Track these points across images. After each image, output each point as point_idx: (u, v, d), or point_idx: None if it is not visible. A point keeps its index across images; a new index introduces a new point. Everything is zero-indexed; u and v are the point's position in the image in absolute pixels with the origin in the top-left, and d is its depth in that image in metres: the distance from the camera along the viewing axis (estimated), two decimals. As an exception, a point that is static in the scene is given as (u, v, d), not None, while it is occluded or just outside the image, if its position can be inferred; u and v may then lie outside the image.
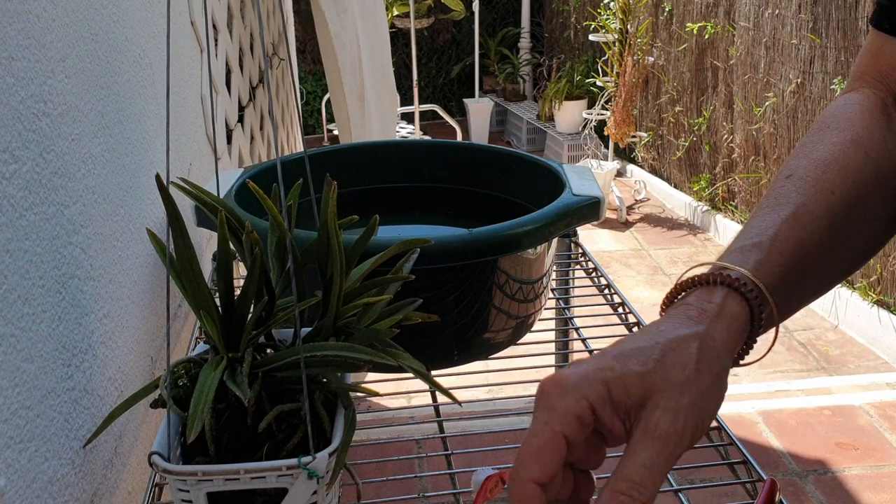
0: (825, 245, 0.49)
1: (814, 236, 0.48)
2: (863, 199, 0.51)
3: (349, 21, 1.99)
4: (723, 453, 0.67)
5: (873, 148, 0.53)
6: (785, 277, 0.46)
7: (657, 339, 0.41)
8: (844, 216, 0.50)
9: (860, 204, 0.51)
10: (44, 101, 0.57)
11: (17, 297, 0.50)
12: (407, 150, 1.02)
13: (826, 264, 0.50)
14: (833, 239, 0.50)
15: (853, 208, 0.50)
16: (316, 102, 4.96)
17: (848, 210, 0.50)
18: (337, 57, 1.94)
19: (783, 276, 0.46)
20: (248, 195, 0.64)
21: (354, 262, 0.60)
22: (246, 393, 0.50)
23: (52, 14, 0.60)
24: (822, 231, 0.49)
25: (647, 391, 0.39)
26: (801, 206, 0.49)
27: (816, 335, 2.59)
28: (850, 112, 0.55)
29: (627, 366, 0.40)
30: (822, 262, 0.49)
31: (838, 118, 0.55)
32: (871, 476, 1.81)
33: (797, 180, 0.50)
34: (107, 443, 0.66)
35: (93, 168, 0.67)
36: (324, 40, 1.97)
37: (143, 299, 0.80)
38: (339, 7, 1.95)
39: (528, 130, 4.96)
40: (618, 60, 3.76)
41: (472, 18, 4.79)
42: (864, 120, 0.54)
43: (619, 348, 0.41)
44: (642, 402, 0.39)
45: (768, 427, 2.00)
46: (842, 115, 0.55)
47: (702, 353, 0.41)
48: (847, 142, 0.52)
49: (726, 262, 0.46)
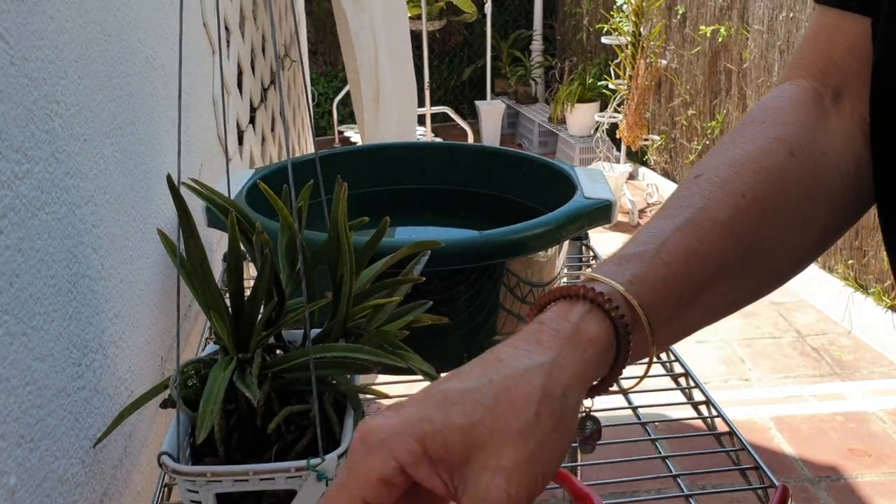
0: (729, 256, 0.42)
1: (713, 246, 0.41)
2: (783, 205, 0.44)
3: (367, 20, 1.99)
4: (734, 459, 0.67)
5: (801, 148, 0.46)
6: (669, 294, 0.40)
7: (491, 377, 0.34)
8: (756, 223, 0.43)
9: (780, 210, 0.44)
10: (56, 101, 0.57)
11: (28, 296, 0.50)
12: (418, 152, 1.02)
13: (731, 279, 0.43)
14: (740, 250, 0.43)
15: (769, 214, 0.44)
16: (327, 104, 4.97)
17: (761, 216, 0.43)
18: (356, 56, 1.95)
19: (667, 291, 0.40)
20: (259, 196, 0.64)
21: (365, 264, 0.60)
22: (255, 394, 0.50)
23: (65, 15, 0.60)
24: (724, 240, 0.42)
25: (473, 447, 0.32)
26: (702, 210, 0.42)
27: (829, 340, 2.57)
28: (780, 106, 0.48)
29: (450, 417, 0.33)
30: (724, 276, 0.42)
31: (766, 112, 0.48)
32: (884, 483, 1.79)
33: (704, 181, 0.44)
34: (117, 442, 0.66)
35: (105, 168, 0.67)
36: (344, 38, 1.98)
37: (153, 299, 0.81)
38: (357, 6, 1.96)
39: (540, 133, 4.95)
40: (630, 63, 3.75)
41: (484, 21, 4.79)
42: (794, 115, 0.48)
43: (446, 388, 0.34)
44: (466, 460, 0.33)
45: (780, 432, 1.98)
46: (770, 108, 0.49)
47: (545, 392, 0.34)
48: (770, 139, 0.46)
49: (598, 273, 0.39)
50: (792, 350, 2.51)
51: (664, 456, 0.69)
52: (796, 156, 0.45)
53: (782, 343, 2.55)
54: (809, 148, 0.46)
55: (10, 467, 0.47)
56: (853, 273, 2.64)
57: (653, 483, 0.72)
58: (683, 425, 0.80)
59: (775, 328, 2.65)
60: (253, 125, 1.69)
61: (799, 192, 0.45)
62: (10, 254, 0.48)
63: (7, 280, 0.48)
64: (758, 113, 0.48)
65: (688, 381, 0.78)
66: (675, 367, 0.81)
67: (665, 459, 0.68)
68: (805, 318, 2.71)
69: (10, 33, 0.50)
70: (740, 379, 2.33)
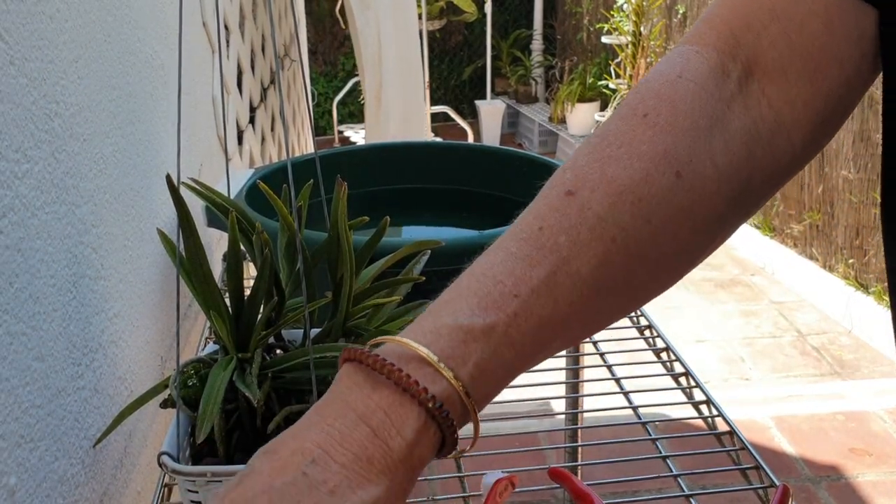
0: (585, 311, 0.38)
1: (569, 308, 0.37)
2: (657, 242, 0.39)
3: (372, 17, 2.00)
4: (735, 458, 0.67)
5: (690, 166, 0.39)
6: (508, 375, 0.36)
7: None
8: (623, 269, 0.38)
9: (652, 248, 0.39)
10: (56, 101, 0.57)
11: (28, 296, 0.50)
12: (418, 152, 1.02)
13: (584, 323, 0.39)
14: (600, 299, 0.38)
15: (638, 257, 0.38)
16: (327, 104, 4.97)
17: (630, 261, 0.38)
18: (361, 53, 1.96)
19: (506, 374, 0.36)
20: (259, 196, 0.64)
21: (365, 264, 0.60)
22: (255, 394, 0.50)
23: (65, 15, 0.60)
24: (584, 297, 0.37)
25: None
26: (565, 263, 0.36)
27: (830, 339, 2.57)
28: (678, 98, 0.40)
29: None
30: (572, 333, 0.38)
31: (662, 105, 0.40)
32: (885, 482, 1.79)
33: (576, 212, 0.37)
34: (116, 442, 0.66)
35: (104, 168, 0.67)
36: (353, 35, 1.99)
37: (153, 299, 0.81)
38: (363, 3, 1.96)
39: (540, 132, 4.95)
40: (631, 63, 3.75)
41: (485, 20, 4.79)
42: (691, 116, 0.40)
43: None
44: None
45: (781, 432, 1.98)
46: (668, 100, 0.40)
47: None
48: (658, 156, 0.38)
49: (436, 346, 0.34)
50: (792, 349, 2.51)
51: (664, 455, 0.69)
52: (683, 178, 0.39)
53: (783, 342, 2.55)
54: (700, 164, 0.39)
55: (10, 467, 0.47)
56: (854, 272, 2.64)
57: (653, 483, 0.72)
58: (684, 425, 0.80)
59: (776, 327, 2.65)
60: (253, 125, 1.69)
61: (678, 220, 0.39)
62: (9, 253, 0.48)
63: (7, 280, 0.48)
64: (653, 104, 0.41)
65: (688, 380, 0.78)
66: (676, 366, 0.81)
67: (665, 459, 0.68)
68: (805, 318, 2.71)
69: (9, 33, 0.50)
70: (741, 378, 2.33)
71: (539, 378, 0.79)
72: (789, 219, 3.01)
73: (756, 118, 0.42)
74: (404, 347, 0.34)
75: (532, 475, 0.65)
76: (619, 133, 0.40)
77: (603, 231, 0.37)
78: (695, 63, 0.42)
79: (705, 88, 0.41)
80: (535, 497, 0.69)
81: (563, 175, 0.40)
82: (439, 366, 0.34)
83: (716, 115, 0.41)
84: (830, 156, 2.71)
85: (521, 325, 0.36)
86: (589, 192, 0.38)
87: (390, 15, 2.04)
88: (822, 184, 2.78)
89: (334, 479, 0.31)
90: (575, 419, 1.09)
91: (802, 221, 2.92)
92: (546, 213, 0.38)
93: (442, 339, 0.35)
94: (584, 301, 0.37)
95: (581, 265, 0.37)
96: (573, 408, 1.08)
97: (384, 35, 2.03)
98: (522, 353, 0.36)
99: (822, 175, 2.78)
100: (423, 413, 0.33)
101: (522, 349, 0.36)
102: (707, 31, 0.44)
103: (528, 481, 0.61)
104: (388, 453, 0.32)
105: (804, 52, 0.41)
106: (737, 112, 0.41)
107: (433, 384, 0.34)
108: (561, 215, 0.38)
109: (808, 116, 0.42)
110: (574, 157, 0.41)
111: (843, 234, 2.69)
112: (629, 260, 0.38)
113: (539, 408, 1.68)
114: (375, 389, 0.34)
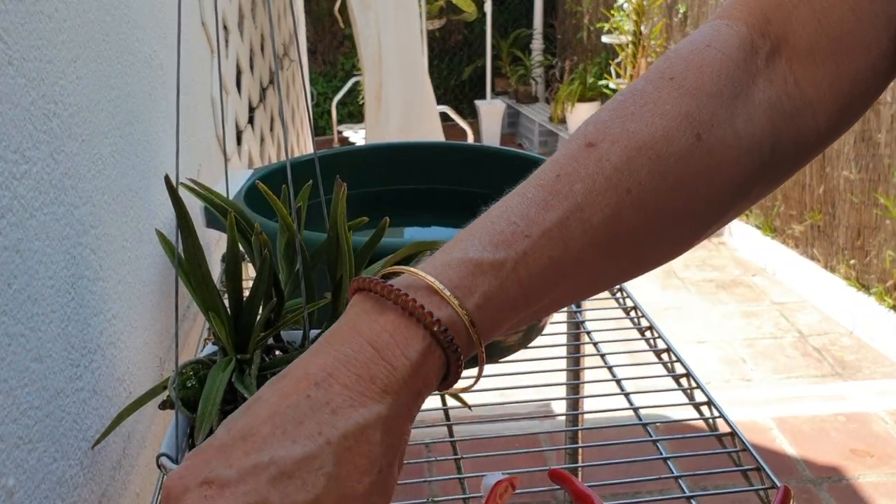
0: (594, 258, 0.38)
1: (578, 253, 0.37)
2: (671, 201, 0.39)
3: (372, 17, 2.01)
4: (736, 459, 0.66)
5: (711, 129, 0.40)
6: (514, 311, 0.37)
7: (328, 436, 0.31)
8: (635, 223, 0.38)
9: (666, 206, 0.39)
10: (54, 101, 0.57)
11: (26, 297, 0.50)
12: (418, 152, 1.02)
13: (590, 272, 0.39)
14: (609, 249, 0.38)
15: (651, 213, 0.39)
16: (326, 104, 4.97)
17: (643, 215, 0.38)
18: (361, 53, 1.96)
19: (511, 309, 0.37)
20: (258, 196, 0.63)
21: (364, 264, 0.59)
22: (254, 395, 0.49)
23: (63, 15, 0.60)
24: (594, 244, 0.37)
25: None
26: (578, 209, 0.37)
27: (831, 340, 2.57)
28: (706, 65, 0.41)
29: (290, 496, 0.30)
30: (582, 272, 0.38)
31: (689, 71, 0.41)
32: (886, 483, 1.79)
33: (594, 162, 0.38)
34: (115, 444, 0.66)
35: (103, 169, 0.67)
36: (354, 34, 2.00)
37: (151, 300, 0.80)
38: (363, 4, 1.97)
39: (541, 132, 4.95)
40: (631, 62, 3.75)
41: (484, 19, 4.79)
42: (716, 82, 0.41)
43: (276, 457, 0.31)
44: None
45: (782, 433, 1.98)
46: (695, 66, 0.41)
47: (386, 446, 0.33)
48: (680, 116, 0.39)
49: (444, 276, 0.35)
50: (794, 350, 2.50)
51: (665, 457, 0.68)
52: (703, 140, 0.39)
53: (784, 343, 2.55)
54: (721, 130, 0.40)
55: (9, 469, 0.47)
56: (855, 273, 2.63)
57: (654, 484, 0.71)
58: (685, 426, 0.80)
59: (777, 328, 2.65)
60: (252, 125, 1.69)
61: (694, 184, 0.39)
62: (7, 255, 0.48)
63: (5, 281, 0.47)
64: (680, 69, 0.41)
65: (689, 381, 0.78)
66: (677, 367, 0.81)
67: (666, 460, 0.68)
68: (807, 318, 2.71)
69: (7, 33, 0.50)
70: (742, 379, 2.33)
71: (540, 379, 0.79)
72: (790, 219, 3.01)
73: (781, 93, 0.42)
74: (413, 277, 0.35)
75: (532, 476, 0.65)
76: (644, 93, 0.41)
77: (619, 182, 0.38)
78: (724, 35, 0.43)
79: (733, 59, 0.42)
80: (535, 498, 0.69)
81: (585, 128, 0.41)
82: (444, 293, 0.35)
83: (741, 86, 0.41)
84: (832, 156, 2.71)
85: (529, 265, 0.36)
86: (609, 145, 0.39)
87: (391, 15, 2.04)
88: (824, 184, 2.78)
89: (337, 399, 0.32)
90: (575, 420, 1.08)
91: (803, 222, 2.92)
92: (564, 163, 0.39)
93: (451, 270, 0.36)
94: (592, 251, 0.38)
95: (594, 213, 0.37)
96: (574, 409, 1.08)
97: (384, 35, 2.03)
98: (529, 293, 0.37)
99: (823, 175, 2.78)
100: (428, 336, 0.34)
101: (529, 289, 0.36)
102: (739, 6, 0.45)
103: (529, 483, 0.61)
104: (391, 373, 0.33)
105: (832, 34, 0.42)
106: (761, 86, 0.42)
107: (438, 310, 0.34)
108: (579, 164, 0.39)
109: (833, 97, 0.43)
110: (598, 112, 0.42)
111: (844, 235, 2.68)
112: (640, 215, 0.38)
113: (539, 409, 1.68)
114: (382, 314, 0.34)
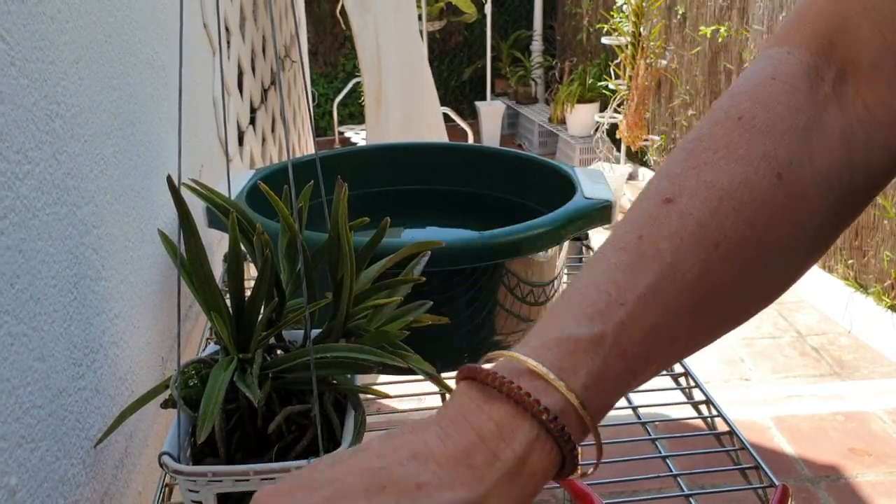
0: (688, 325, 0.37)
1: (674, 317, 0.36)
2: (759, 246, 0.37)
3: (370, 19, 2.01)
4: (734, 458, 0.67)
5: (790, 167, 0.38)
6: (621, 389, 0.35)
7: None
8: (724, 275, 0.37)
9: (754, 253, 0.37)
10: (57, 102, 0.57)
11: (29, 297, 0.51)
12: (419, 153, 1.02)
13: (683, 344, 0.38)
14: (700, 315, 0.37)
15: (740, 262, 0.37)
16: (328, 105, 4.97)
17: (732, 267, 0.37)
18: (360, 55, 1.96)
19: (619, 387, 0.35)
20: (260, 197, 0.64)
21: (365, 264, 0.60)
22: (256, 394, 0.50)
23: (66, 16, 0.60)
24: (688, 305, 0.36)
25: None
26: (668, 269, 0.35)
27: (829, 340, 2.57)
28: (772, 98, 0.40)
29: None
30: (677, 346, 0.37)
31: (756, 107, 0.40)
32: (884, 482, 1.79)
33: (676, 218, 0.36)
34: (117, 443, 0.66)
35: (105, 169, 0.68)
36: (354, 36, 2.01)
37: (154, 300, 0.81)
38: (362, 6, 1.97)
39: (540, 133, 4.95)
40: (630, 63, 3.75)
41: (484, 21, 4.79)
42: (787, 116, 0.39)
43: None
44: None
45: (780, 432, 1.98)
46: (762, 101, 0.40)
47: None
48: (757, 158, 0.37)
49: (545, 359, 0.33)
50: (792, 350, 2.51)
51: (664, 455, 0.69)
52: (784, 179, 0.37)
53: (782, 343, 2.55)
54: (800, 166, 0.38)
55: (12, 467, 0.47)
56: (853, 273, 2.64)
57: (653, 483, 0.72)
58: (683, 425, 0.80)
59: (775, 328, 2.65)
60: (253, 126, 1.70)
61: (779, 227, 0.38)
62: (10, 254, 0.48)
63: (8, 281, 0.48)
64: (748, 107, 0.40)
65: (688, 380, 0.78)
66: (676, 366, 0.81)
67: (665, 459, 0.68)
68: (805, 318, 2.71)
69: (10, 34, 0.50)
70: (740, 378, 2.34)
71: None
72: (789, 219, 3.01)
73: (852, 120, 0.41)
74: (515, 362, 0.34)
75: (532, 475, 0.65)
76: (713, 137, 0.39)
77: (705, 237, 0.36)
78: (787, 65, 0.41)
79: (800, 90, 0.40)
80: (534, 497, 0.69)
81: (658, 184, 0.39)
82: (549, 377, 0.33)
83: (813, 117, 0.40)
84: (830, 156, 2.71)
85: (630, 335, 0.34)
86: (688, 199, 0.37)
87: (391, 17, 2.05)
88: (822, 184, 2.78)
89: (426, 475, 0.31)
90: (575, 420, 1.08)
91: (802, 222, 2.92)
92: (644, 222, 0.37)
93: (550, 351, 0.34)
94: (689, 311, 0.36)
95: (685, 272, 0.36)
96: (573, 408, 1.08)
97: (383, 37, 2.04)
98: (633, 365, 0.35)
99: (821, 176, 2.78)
100: (536, 425, 0.32)
101: (634, 361, 0.35)
102: (798, 31, 0.43)
103: (528, 481, 0.61)
104: (491, 462, 0.32)
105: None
106: (832, 114, 0.40)
107: (545, 396, 0.33)
108: (660, 223, 0.37)
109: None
110: (667, 164, 0.40)
111: (842, 235, 2.68)
112: (732, 267, 0.37)
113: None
114: (488, 402, 0.33)
